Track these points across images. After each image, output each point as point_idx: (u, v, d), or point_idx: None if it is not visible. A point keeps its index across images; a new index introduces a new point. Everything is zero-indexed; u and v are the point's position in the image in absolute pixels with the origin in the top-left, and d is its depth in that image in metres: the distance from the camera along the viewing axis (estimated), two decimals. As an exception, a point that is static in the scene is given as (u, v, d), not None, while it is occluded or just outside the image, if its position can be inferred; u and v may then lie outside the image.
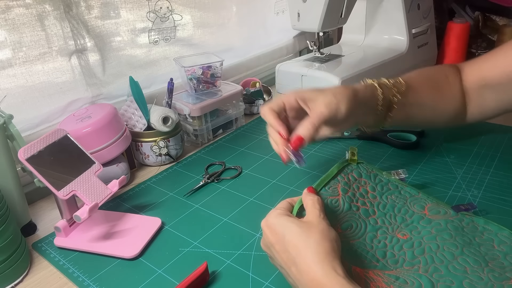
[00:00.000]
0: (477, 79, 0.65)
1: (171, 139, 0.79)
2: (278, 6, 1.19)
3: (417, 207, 0.52)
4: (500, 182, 0.63)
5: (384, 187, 0.54)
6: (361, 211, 0.50)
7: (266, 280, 0.49)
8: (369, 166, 0.56)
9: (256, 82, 1.03)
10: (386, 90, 0.60)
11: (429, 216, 0.50)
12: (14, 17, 0.67)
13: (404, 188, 0.54)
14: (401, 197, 0.53)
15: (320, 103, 0.54)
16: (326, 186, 0.51)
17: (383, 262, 0.46)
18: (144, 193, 0.71)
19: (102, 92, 0.83)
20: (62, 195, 0.55)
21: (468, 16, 1.24)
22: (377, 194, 0.53)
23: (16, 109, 0.67)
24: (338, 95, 0.54)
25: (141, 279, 0.51)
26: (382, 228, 0.50)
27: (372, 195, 0.53)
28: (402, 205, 0.52)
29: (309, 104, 0.55)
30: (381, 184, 0.54)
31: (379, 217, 0.50)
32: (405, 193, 0.54)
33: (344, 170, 0.54)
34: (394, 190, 0.54)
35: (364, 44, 1.11)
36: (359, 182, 0.54)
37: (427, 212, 0.51)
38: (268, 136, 0.58)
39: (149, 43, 0.90)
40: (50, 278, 0.54)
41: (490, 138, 0.76)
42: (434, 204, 0.52)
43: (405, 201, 0.53)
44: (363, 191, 0.53)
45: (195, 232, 0.59)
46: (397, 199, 0.53)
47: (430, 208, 0.52)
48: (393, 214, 0.51)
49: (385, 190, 0.54)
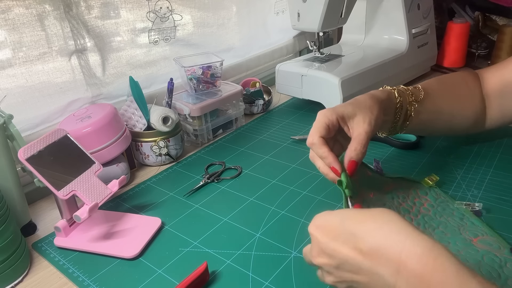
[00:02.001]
0: (498, 84, 0.65)
1: (171, 139, 0.79)
2: (278, 6, 1.19)
3: (469, 233, 0.50)
4: (500, 182, 0.63)
5: (446, 209, 0.53)
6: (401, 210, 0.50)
7: (266, 280, 0.49)
8: (441, 192, 0.56)
9: (256, 82, 1.03)
10: (404, 97, 0.60)
11: (475, 244, 0.48)
12: (14, 17, 0.67)
13: (469, 218, 0.52)
14: (458, 222, 0.51)
15: (360, 122, 0.52)
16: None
17: None
18: (144, 193, 0.71)
19: (102, 92, 0.83)
20: (62, 195, 0.55)
21: (468, 16, 1.24)
22: (429, 207, 0.53)
23: (16, 109, 0.67)
24: (373, 109, 0.53)
25: (141, 279, 0.51)
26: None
27: (425, 208, 0.53)
28: (452, 226, 0.50)
29: (349, 123, 0.53)
30: (442, 205, 0.54)
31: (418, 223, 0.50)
32: (467, 221, 0.52)
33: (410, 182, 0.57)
34: (455, 216, 0.52)
35: (364, 44, 1.11)
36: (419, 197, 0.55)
37: (475, 240, 0.48)
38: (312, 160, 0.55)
39: (149, 43, 0.90)
40: (50, 278, 0.54)
41: (490, 138, 0.76)
42: (492, 238, 0.49)
43: (459, 226, 0.51)
44: (418, 203, 0.53)
45: (195, 232, 0.59)
46: (452, 221, 0.51)
47: (483, 239, 0.48)
48: (434, 226, 0.50)
49: (444, 211, 0.53)
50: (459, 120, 0.66)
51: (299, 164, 0.75)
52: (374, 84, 0.96)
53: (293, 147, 0.82)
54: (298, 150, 0.80)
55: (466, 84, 0.66)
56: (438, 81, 0.67)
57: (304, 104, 1.02)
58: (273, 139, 0.86)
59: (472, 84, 0.66)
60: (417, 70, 1.12)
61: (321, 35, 0.97)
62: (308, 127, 0.90)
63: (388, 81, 1.01)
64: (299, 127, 0.91)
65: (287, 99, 1.08)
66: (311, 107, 1.00)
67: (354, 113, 0.53)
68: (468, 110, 0.65)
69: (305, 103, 1.02)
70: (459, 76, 0.68)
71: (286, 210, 0.62)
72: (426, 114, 0.62)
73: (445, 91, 0.65)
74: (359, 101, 0.55)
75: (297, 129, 0.90)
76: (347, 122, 0.53)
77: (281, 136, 0.87)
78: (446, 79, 0.68)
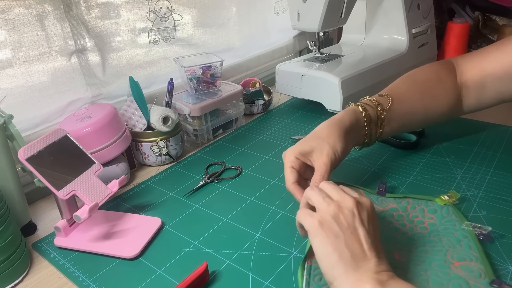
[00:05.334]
0: (478, 75, 0.66)
1: (171, 139, 0.79)
2: (278, 6, 1.19)
3: (456, 256, 0.48)
4: (500, 182, 0.63)
5: (449, 228, 0.53)
6: (390, 229, 0.52)
7: (266, 280, 0.49)
8: (454, 212, 0.56)
9: (256, 82, 1.03)
10: (370, 110, 0.61)
11: (453, 269, 0.47)
12: (14, 17, 0.67)
13: (470, 241, 0.51)
14: (453, 243, 0.50)
15: (318, 155, 0.55)
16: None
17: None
18: (144, 193, 0.71)
19: (102, 92, 0.83)
20: (62, 195, 0.55)
21: (468, 16, 1.24)
22: (429, 226, 0.54)
23: (16, 109, 0.67)
24: (330, 139, 0.56)
25: (141, 279, 0.51)
26: (391, 236, 0.50)
27: (423, 227, 0.53)
28: (440, 247, 0.50)
29: (310, 157, 0.57)
30: (447, 225, 0.53)
31: (402, 234, 0.50)
32: (464, 244, 0.50)
33: (422, 200, 0.58)
34: (454, 237, 0.51)
35: (364, 44, 1.11)
36: (423, 216, 0.55)
37: (457, 264, 0.47)
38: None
39: (149, 43, 0.90)
40: (50, 278, 0.54)
41: (490, 138, 0.76)
42: (478, 266, 0.47)
43: (450, 247, 0.50)
44: (417, 221, 0.54)
45: (195, 232, 0.59)
46: (447, 241, 0.51)
47: (467, 265, 0.47)
48: (419, 245, 0.50)
49: (446, 230, 0.52)
50: (433, 115, 0.67)
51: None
52: (374, 84, 0.96)
53: (293, 147, 0.82)
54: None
55: (439, 78, 0.67)
56: (407, 81, 0.68)
57: (304, 104, 1.02)
58: (273, 139, 0.86)
59: (445, 77, 0.67)
60: (417, 70, 1.12)
61: (321, 35, 0.97)
62: (308, 127, 0.90)
63: (388, 81, 1.01)
64: (299, 127, 0.91)
65: (287, 99, 1.08)
66: (311, 107, 1.00)
67: (312, 148, 0.56)
68: (443, 104, 0.67)
69: (305, 103, 1.02)
70: (431, 70, 0.69)
71: (286, 210, 0.62)
72: (399, 118, 0.64)
73: (416, 91, 0.66)
74: (316, 134, 0.58)
75: (297, 129, 0.90)
76: (308, 157, 0.57)
77: (281, 136, 0.87)
78: (417, 76, 0.69)
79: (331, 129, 0.57)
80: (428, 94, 0.66)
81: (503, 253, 0.49)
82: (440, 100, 0.67)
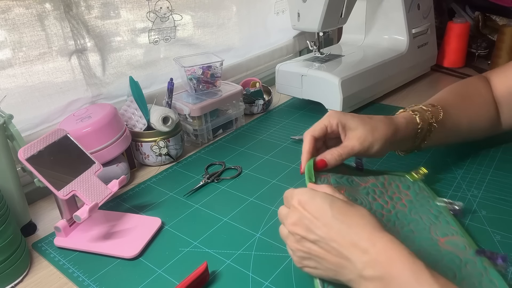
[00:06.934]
0: (507, 92, 0.65)
1: (171, 139, 0.79)
2: (278, 6, 1.19)
3: (439, 233, 0.49)
4: (500, 182, 0.63)
5: (425, 205, 0.53)
6: (374, 206, 0.51)
7: (266, 280, 0.49)
8: (425, 188, 0.56)
9: (256, 82, 1.03)
10: (424, 120, 0.59)
11: (441, 244, 0.48)
12: (14, 17, 0.67)
13: (445, 217, 0.52)
14: (432, 220, 0.51)
15: (355, 137, 0.54)
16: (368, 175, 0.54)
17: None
18: (144, 193, 0.71)
19: (102, 92, 0.83)
20: (62, 195, 0.55)
21: (468, 16, 1.24)
22: (407, 203, 0.53)
23: (16, 109, 0.67)
24: (376, 132, 0.54)
25: (141, 279, 0.51)
26: (382, 215, 0.50)
27: (402, 204, 0.53)
28: (423, 224, 0.50)
29: (347, 133, 0.55)
30: (422, 202, 0.53)
31: (388, 220, 0.50)
32: (442, 219, 0.51)
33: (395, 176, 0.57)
34: (431, 214, 0.52)
35: (364, 44, 1.11)
36: (399, 192, 0.54)
37: (443, 240, 0.48)
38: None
39: (149, 43, 0.90)
40: (50, 278, 0.54)
41: (490, 138, 0.76)
42: (461, 238, 0.48)
43: (431, 225, 0.50)
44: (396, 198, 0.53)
45: (195, 232, 0.59)
46: (426, 219, 0.51)
47: (451, 240, 0.48)
48: (404, 224, 0.50)
49: (422, 207, 0.53)
50: (476, 128, 0.66)
51: (299, 164, 0.74)
52: (374, 84, 0.96)
53: (293, 147, 0.82)
54: (298, 150, 0.80)
55: (479, 93, 0.66)
56: (452, 94, 0.66)
57: (304, 104, 1.02)
58: (273, 139, 0.86)
59: (484, 92, 0.66)
60: (417, 70, 1.12)
61: (321, 35, 0.97)
62: (308, 127, 0.90)
63: (388, 81, 1.01)
64: (299, 127, 0.91)
65: (287, 99, 1.08)
66: (311, 107, 1.00)
67: (356, 128, 0.55)
68: (485, 118, 0.65)
69: (305, 103, 1.02)
70: (471, 85, 0.67)
71: (286, 210, 0.62)
72: (445, 131, 0.62)
73: (462, 104, 0.64)
74: (370, 119, 0.56)
75: (297, 129, 0.90)
76: (346, 131, 0.55)
77: (281, 136, 0.87)
78: (461, 89, 0.67)
79: (385, 125, 0.55)
80: (473, 109, 0.64)
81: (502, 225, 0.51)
82: (483, 115, 0.65)
